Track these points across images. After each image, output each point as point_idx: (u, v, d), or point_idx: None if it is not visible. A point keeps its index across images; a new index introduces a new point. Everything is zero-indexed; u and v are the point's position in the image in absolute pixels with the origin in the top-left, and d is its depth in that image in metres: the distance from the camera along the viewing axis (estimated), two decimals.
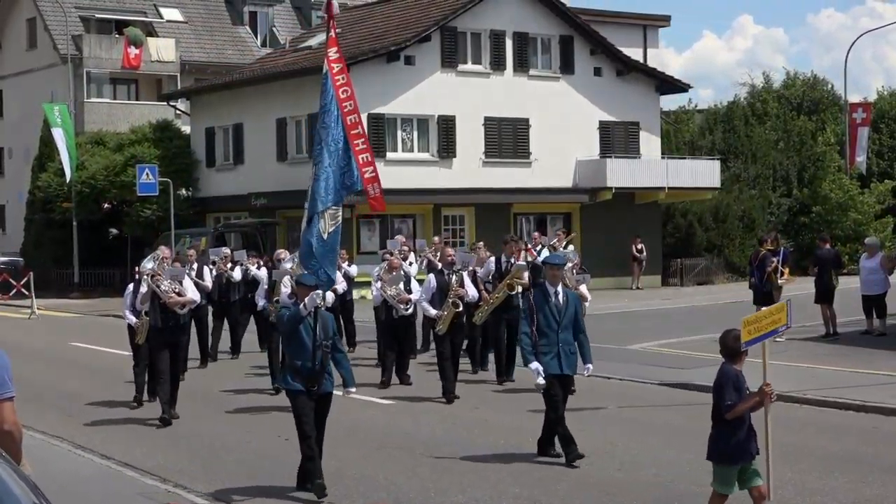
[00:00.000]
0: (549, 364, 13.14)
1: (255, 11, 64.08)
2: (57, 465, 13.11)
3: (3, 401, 6.96)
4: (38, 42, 60.30)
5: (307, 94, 45.15)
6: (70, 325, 35.60)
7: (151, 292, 16.44)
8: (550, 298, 13.36)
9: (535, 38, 48.17)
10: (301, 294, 12.22)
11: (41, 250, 52.10)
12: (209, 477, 13.31)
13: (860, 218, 52.42)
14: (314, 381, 11.83)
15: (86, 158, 49.45)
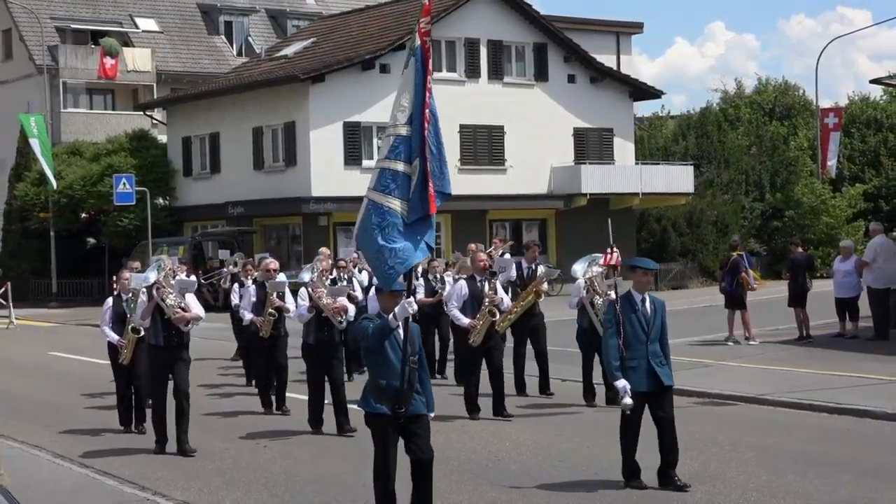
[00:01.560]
0: (636, 381, 11.79)
1: (230, 21, 64.09)
2: (36, 474, 13.06)
3: None
4: (14, 53, 60.29)
5: (283, 103, 45.30)
6: (48, 334, 35.53)
7: (154, 306, 14.67)
8: (637, 307, 12.05)
9: (510, 46, 48.36)
10: (385, 302, 10.33)
11: (18, 260, 51.91)
12: (188, 485, 13.26)
13: (832, 222, 52.66)
14: (402, 401, 9.92)
15: (63, 168, 49.32)
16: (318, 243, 41.78)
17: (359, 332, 10.27)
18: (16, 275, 47.21)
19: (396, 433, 10.01)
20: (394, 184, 10.13)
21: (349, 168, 44.57)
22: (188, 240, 46.40)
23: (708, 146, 57.05)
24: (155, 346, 14.83)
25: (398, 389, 9.87)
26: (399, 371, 9.89)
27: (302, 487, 12.74)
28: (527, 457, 14.16)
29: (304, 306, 16.02)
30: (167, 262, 15.50)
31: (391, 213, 10.04)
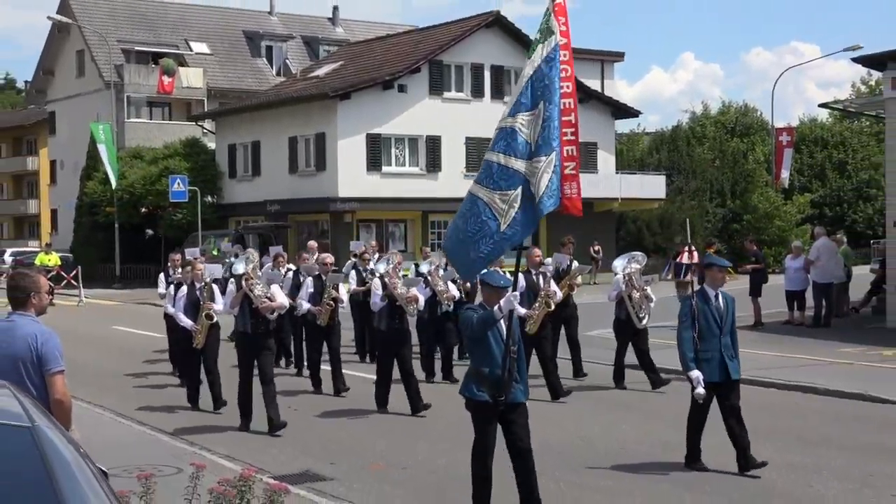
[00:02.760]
0: (710, 372, 11.00)
1: (270, 46, 64.19)
2: (101, 430, 13.07)
3: (54, 374, 7.03)
4: (86, 70, 60.45)
5: (314, 117, 45.30)
6: (112, 311, 35.58)
7: (243, 296, 13.63)
8: (711, 302, 11.16)
9: (510, 71, 48.23)
10: (488, 295, 9.49)
11: (87, 248, 52.33)
12: (230, 442, 13.30)
13: (784, 225, 52.68)
14: (502, 389, 9.07)
15: (126, 170, 49.68)
16: (344, 237, 41.98)
17: (463, 322, 9.45)
18: (85, 260, 47.78)
19: (496, 419, 9.25)
20: (485, 174, 9.24)
21: (371, 173, 44.68)
22: (232, 232, 46.42)
23: (678, 159, 57.08)
24: (243, 333, 13.96)
25: (499, 378, 9.07)
26: (500, 360, 9.09)
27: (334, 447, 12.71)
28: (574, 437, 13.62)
29: (378, 295, 15.08)
30: (254, 255, 14.51)
31: (478, 203, 9.07)
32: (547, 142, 9.05)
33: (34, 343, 7.05)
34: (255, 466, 10.54)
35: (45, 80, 66.34)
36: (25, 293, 7.33)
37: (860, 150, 63.65)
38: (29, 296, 7.34)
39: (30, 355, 7.03)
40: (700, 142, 60.57)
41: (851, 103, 42.20)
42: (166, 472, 10.03)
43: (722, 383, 11.07)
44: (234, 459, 11.80)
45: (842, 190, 61.44)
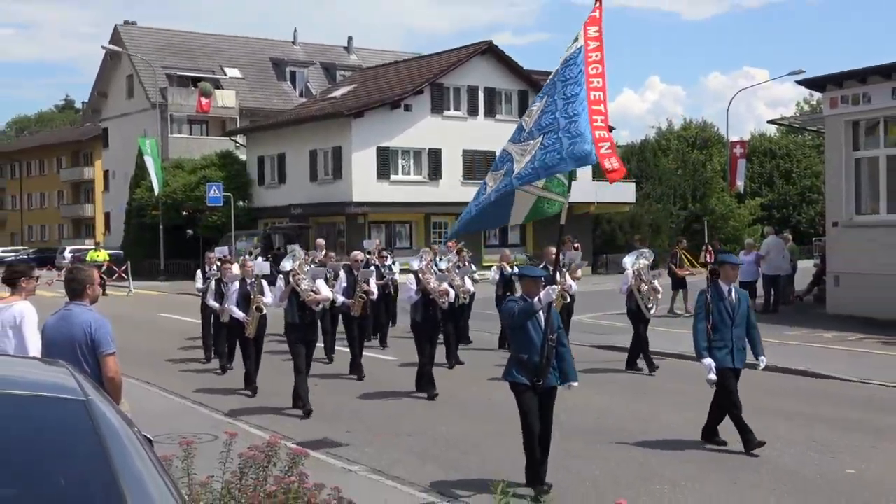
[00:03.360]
0: (723, 358, 10.54)
1: (294, 71, 64.23)
2: (148, 403, 13.08)
3: (106, 356, 7.05)
4: (135, 93, 60.58)
5: (332, 132, 45.33)
6: (157, 300, 35.59)
7: (291, 290, 13.04)
8: (724, 296, 10.67)
9: (501, 92, 48.29)
10: (528, 287, 9.07)
11: (136, 246, 52.55)
12: (259, 414, 13.32)
13: (737, 225, 52.77)
14: (540, 374, 8.84)
15: (169, 179, 49.78)
16: (357, 237, 41.96)
17: (506, 312, 9.12)
18: (134, 257, 48.21)
19: (536, 399, 8.92)
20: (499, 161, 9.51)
21: (380, 181, 44.77)
22: (260, 232, 46.66)
23: (646, 168, 57.04)
24: (292, 324, 13.22)
25: (537, 364, 8.80)
26: (539, 347, 8.81)
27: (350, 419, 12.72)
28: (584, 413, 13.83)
29: (413, 289, 14.33)
30: (300, 252, 13.72)
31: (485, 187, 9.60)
32: (539, 127, 9.19)
33: (88, 329, 7.07)
34: (280, 434, 10.52)
35: (99, 101, 66.46)
36: (82, 285, 7.36)
37: (803, 160, 63.65)
38: (85, 287, 7.37)
39: (85, 339, 7.04)
40: (665, 153, 60.56)
41: (796, 120, 42.18)
42: (204, 439, 10.04)
43: (732, 368, 10.67)
44: (263, 429, 11.82)
45: (788, 195, 61.45)
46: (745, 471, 9.90)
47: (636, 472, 9.89)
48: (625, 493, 8.72)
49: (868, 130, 23.03)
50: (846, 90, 23.00)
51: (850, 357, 17.25)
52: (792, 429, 11.76)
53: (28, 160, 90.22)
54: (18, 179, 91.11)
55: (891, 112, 22.26)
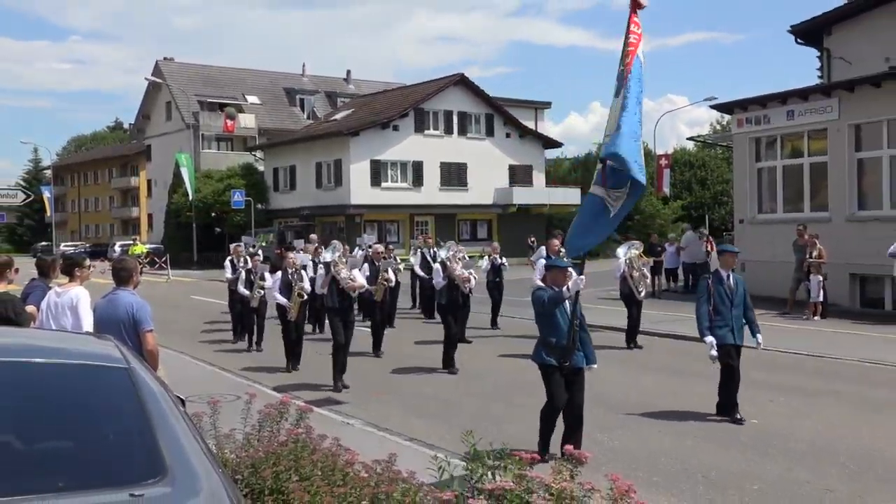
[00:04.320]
0: (725, 336, 9.79)
1: (303, 98, 63.92)
2: (181, 370, 13.00)
3: (146, 332, 6.99)
4: (172, 116, 60.12)
5: (334, 148, 45.24)
6: (191, 286, 35.41)
7: (331, 278, 12.29)
8: (724, 281, 9.92)
9: (471, 115, 48.27)
10: (555, 276, 8.32)
11: (174, 241, 52.42)
12: (275, 378, 13.25)
13: (663, 223, 52.78)
14: (567, 356, 8.14)
15: (201, 186, 49.55)
16: (354, 233, 41.89)
17: (537, 300, 8.25)
18: (172, 250, 48.24)
19: (563, 379, 8.21)
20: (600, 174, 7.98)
21: (373, 187, 44.77)
22: (275, 230, 46.55)
23: (589, 177, 56.69)
24: (332, 308, 12.45)
25: (564, 346, 8.12)
26: (566, 332, 8.12)
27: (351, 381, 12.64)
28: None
29: (441, 275, 13.71)
30: (339, 245, 12.80)
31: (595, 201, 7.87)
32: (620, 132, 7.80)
33: (131, 310, 7.01)
34: (291, 395, 10.48)
35: (143, 122, 66.10)
36: (129, 273, 7.32)
37: (716, 169, 63.77)
38: (130, 275, 7.32)
39: (128, 318, 6.99)
40: None
41: (709, 137, 42.38)
42: (229, 399, 9.97)
43: (733, 345, 9.92)
44: (278, 390, 11.76)
45: (703, 198, 61.58)
46: (672, 419, 9.93)
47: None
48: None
49: (768, 145, 23.14)
50: (750, 113, 23.10)
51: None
52: (709, 387, 11.81)
53: (84, 171, 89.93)
54: (77, 187, 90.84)
55: (786, 130, 22.38)
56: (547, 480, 3.94)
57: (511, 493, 3.86)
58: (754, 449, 8.65)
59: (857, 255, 19.96)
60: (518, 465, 4.03)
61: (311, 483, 5.17)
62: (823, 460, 8.16)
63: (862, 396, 11.06)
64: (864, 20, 24.19)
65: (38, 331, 6.65)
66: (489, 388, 12.05)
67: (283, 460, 5.51)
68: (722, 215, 60.44)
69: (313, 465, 5.44)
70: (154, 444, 3.19)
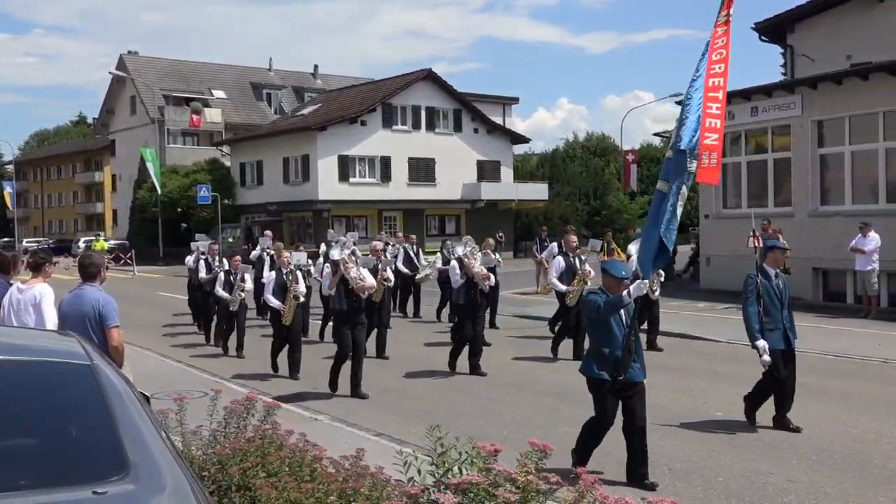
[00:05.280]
0: (777, 340, 8.92)
1: (270, 93, 63.63)
2: (149, 366, 12.90)
3: (111, 328, 6.93)
4: (137, 110, 59.65)
5: (301, 143, 45.02)
6: (157, 281, 35.11)
7: (340, 278, 11.09)
8: (772, 280, 9.07)
9: (439, 110, 48.28)
10: (609, 284, 7.37)
11: (139, 237, 52.02)
12: (243, 374, 13.19)
13: (630, 218, 53.24)
14: (621, 369, 7.15)
15: (166, 181, 49.17)
16: (322, 229, 41.72)
17: (589, 306, 7.29)
18: (137, 246, 47.78)
19: (616, 396, 7.22)
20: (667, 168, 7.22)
21: (341, 183, 44.65)
22: (242, 225, 46.26)
23: (556, 172, 57.40)
24: (339, 310, 11.25)
25: (618, 358, 7.14)
26: (621, 341, 7.16)
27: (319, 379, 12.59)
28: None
29: (458, 274, 12.67)
30: (350, 243, 11.79)
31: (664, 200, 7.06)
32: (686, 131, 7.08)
33: (97, 306, 6.95)
34: (258, 391, 10.43)
35: (108, 117, 65.46)
36: (96, 268, 7.27)
37: None
38: (98, 270, 7.26)
39: (94, 314, 6.92)
40: (572, 160, 60.97)
41: None
42: (195, 395, 9.88)
43: (785, 350, 9.08)
44: (245, 386, 11.69)
45: None
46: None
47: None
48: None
49: (733, 141, 23.36)
50: None
51: (719, 322, 17.50)
52: (672, 380, 11.92)
53: (48, 166, 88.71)
54: (40, 183, 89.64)
55: (750, 126, 22.62)
56: (513, 474, 3.96)
57: (477, 486, 3.88)
58: (718, 441, 8.74)
59: (819, 250, 20.25)
60: (484, 458, 4.05)
61: (278, 479, 5.15)
62: (786, 451, 8.28)
63: (824, 388, 11.23)
64: (826, 18, 24.50)
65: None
66: (456, 384, 12.07)
67: (250, 456, 5.49)
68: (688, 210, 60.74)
69: (281, 460, 5.42)
70: (117, 441, 3.16)
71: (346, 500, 4.82)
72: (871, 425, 9.26)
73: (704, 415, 9.90)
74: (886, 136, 19.41)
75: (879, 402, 10.43)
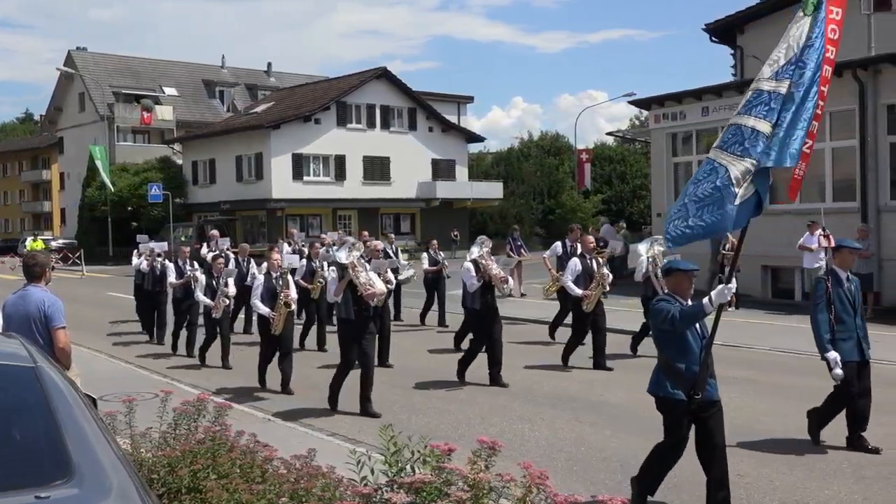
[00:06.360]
0: (849, 351, 7.93)
1: (222, 90, 62.99)
2: (97, 367, 12.69)
3: (57, 329, 6.80)
4: (86, 107, 58.62)
5: (254, 141, 44.67)
6: (106, 281, 34.55)
7: (347, 283, 9.85)
8: (843, 283, 8.03)
9: (394, 109, 48.23)
10: (679, 283, 6.39)
11: (88, 236, 51.08)
12: (194, 375, 13.04)
13: (584, 216, 53.55)
14: (698, 387, 6.07)
15: (116, 180, 48.45)
16: (276, 228, 41.47)
17: (661, 316, 6.18)
18: (86, 245, 46.84)
19: (690, 419, 6.22)
20: (735, 139, 5.78)
21: (295, 181, 44.40)
22: (194, 224, 45.72)
23: (511, 171, 57.61)
24: (346, 320, 10.01)
25: (695, 374, 6.10)
26: (698, 355, 6.14)
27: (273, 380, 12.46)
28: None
29: (474, 277, 11.43)
30: (359, 244, 10.53)
31: (718, 169, 5.74)
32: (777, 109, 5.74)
33: (42, 306, 6.81)
34: (210, 391, 10.32)
35: (55, 114, 64.29)
36: (43, 268, 7.12)
37: (635, 164, 64.87)
38: (44, 270, 7.12)
39: (39, 315, 6.79)
40: (526, 159, 61.19)
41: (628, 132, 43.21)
42: (146, 397, 9.76)
43: (859, 362, 8.08)
44: (197, 387, 11.55)
45: (623, 192, 62.70)
46: (581, 408, 10.08)
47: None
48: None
49: (684, 141, 23.68)
50: (667, 109, 23.60)
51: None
52: (627, 374, 12.02)
53: None
54: None
55: (701, 126, 22.94)
56: (465, 472, 3.96)
57: (430, 485, 3.87)
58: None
59: (769, 248, 20.59)
60: (437, 457, 4.05)
61: (229, 481, 5.10)
62: (737, 446, 8.39)
63: (774, 384, 11.41)
64: (775, 19, 24.91)
65: None
66: (411, 382, 12.04)
67: (201, 458, 5.42)
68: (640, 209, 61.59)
69: (231, 462, 5.37)
70: (61, 445, 3.11)
71: (298, 500, 4.79)
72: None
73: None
74: (833, 135, 19.81)
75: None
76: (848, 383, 7.97)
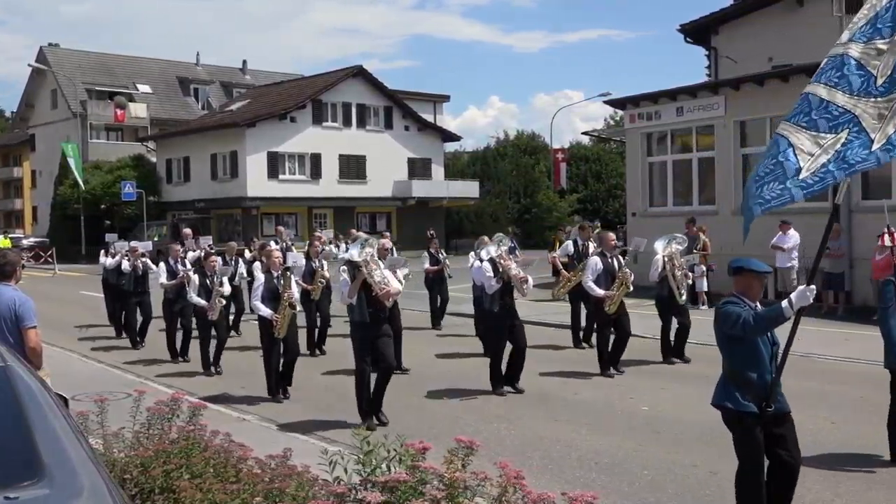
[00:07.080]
0: None
1: (197, 88, 62.49)
2: (70, 367, 12.57)
3: (28, 329, 6.73)
4: (58, 104, 57.93)
5: (229, 139, 44.42)
6: (79, 280, 34.20)
7: (362, 282, 9.11)
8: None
9: (370, 107, 48.14)
10: (750, 284, 5.82)
11: (60, 234, 50.52)
12: (168, 374, 12.95)
13: (560, 215, 53.80)
14: (770, 398, 5.55)
15: (89, 177, 47.95)
16: (251, 226, 41.27)
17: (731, 321, 5.58)
18: (58, 244, 46.20)
19: (762, 433, 5.63)
20: (799, 109, 5.22)
21: (270, 180, 44.23)
22: (168, 222, 45.42)
23: (487, 170, 57.66)
24: (360, 323, 9.27)
25: (767, 384, 5.60)
26: (768, 364, 5.64)
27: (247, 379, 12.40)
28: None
29: (493, 278, 10.62)
30: (372, 240, 9.59)
31: (781, 142, 5.22)
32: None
33: (13, 306, 6.73)
34: (184, 391, 10.25)
35: (27, 111, 63.50)
36: (13, 266, 7.03)
37: (610, 163, 65.14)
38: (14, 269, 7.03)
39: (10, 314, 6.71)
40: (503, 158, 61.22)
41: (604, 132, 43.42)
42: (119, 396, 9.68)
43: None
44: (171, 387, 11.46)
45: (598, 191, 62.97)
46: (557, 407, 10.11)
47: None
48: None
49: (659, 141, 23.82)
50: (642, 109, 23.72)
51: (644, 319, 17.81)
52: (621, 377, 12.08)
53: None
54: None
55: (676, 126, 23.09)
56: (440, 471, 3.96)
57: (405, 484, 3.87)
58: (644, 435, 8.89)
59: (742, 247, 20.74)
60: (411, 456, 4.05)
61: (202, 480, 5.07)
62: (710, 444, 8.45)
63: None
64: (748, 21, 25.14)
65: None
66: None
67: (174, 458, 5.39)
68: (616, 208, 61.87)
69: (205, 462, 5.34)
70: (31, 445, 3.07)
71: (272, 500, 4.77)
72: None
73: (633, 408, 10.00)
74: None
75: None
76: None
